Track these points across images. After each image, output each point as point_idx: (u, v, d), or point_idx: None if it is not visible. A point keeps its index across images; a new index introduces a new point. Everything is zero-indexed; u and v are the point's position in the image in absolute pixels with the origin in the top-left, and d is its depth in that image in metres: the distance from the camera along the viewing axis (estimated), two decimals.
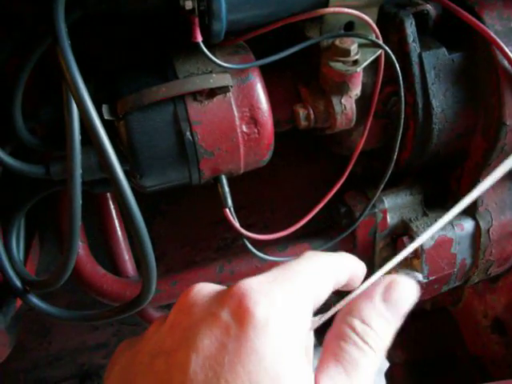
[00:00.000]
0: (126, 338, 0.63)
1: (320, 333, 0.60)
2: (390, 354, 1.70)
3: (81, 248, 1.05)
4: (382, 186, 1.03)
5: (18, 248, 0.97)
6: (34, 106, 0.88)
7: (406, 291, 0.59)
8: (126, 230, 1.10)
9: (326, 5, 0.85)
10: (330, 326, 0.58)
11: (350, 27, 0.92)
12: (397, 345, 1.64)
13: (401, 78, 0.94)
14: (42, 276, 1.17)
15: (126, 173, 0.77)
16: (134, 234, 0.76)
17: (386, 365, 1.72)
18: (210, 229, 1.31)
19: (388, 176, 1.01)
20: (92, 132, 0.71)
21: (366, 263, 1.19)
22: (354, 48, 0.87)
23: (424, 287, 1.16)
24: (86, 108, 0.70)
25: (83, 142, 0.77)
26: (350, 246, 1.17)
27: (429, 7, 0.99)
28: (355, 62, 0.88)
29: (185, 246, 1.32)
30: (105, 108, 0.81)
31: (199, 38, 0.78)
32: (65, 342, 1.40)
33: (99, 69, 0.89)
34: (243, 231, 0.92)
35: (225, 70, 0.85)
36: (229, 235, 1.33)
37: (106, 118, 0.80)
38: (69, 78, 0.70)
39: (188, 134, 0.83)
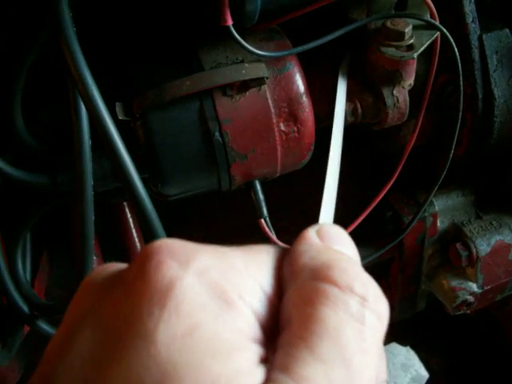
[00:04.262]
0: None
1: None
2: (427, 361, 1.62)
3: (95, 263, 0.95)
4: (436, 189, 0.91)
5: (24, 267, 0.88)
6: (36, 106, 0.79)
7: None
8: (145, 241, 1.00)
9: None
10: None
11: (401, 6, 0.82)
12: (433, 351, 1.54)
13: (460, 64, 0.82)
14: (54, 292, 1.08)
15: (145, 181, 0.69)
16: None
17: (425, 376, 1.62)
18: (238, 234, 1.20)
19: (443, 177, 0.90)
20: (104, 136, 0.62)
21: (411, 272, 1.14)
22: (408, 30, 0.77)
23: (478, 298, 1.06)
24: (96, 108, 0.61)
25: (94, 148, 0.69)
26: (394, 254, 1.08)
27: None
28: (410, 47, 0.77)
29: None
30: (119, 107, 0.73)
31: (229, 21, 0.68)
32: None
33: (111, 61, 0.81)
34: (282, 245, 0.81)
35: (258, 59, 0.75)
36: (257, 242, 1.22)
37: (120, 118, 0.72)
38: (75, 73, 0.61)
39: (217, 134, 0.75)
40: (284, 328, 0.37)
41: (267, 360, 0.36)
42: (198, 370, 0.33)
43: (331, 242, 0.44)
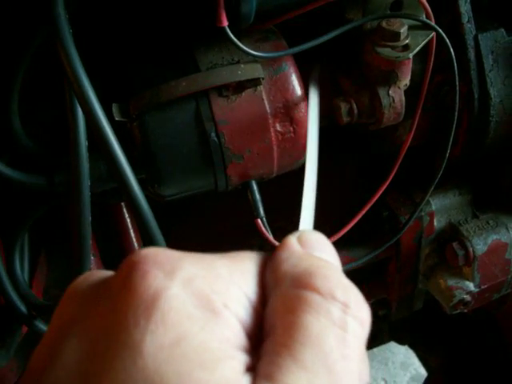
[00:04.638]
0: None
1: None
2: (425, 360, 1.62)
3: (92, 263, 0.95)
4: (432, 188, 0.92)
5: (22, 268, 0.87)
6: (33, 106, 0.78)
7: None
8: (143, 242, 1.00)
9: None
10: None
11: (397, 6, 0.81)
12: (431, 350, 1.54)
13: (455, 64, 0.82)
14: (52, 292, 1.08)
15: (142, 181, 0.70)
16: None
17: (425, 375, 1.62)
18: (235, 234, 1.20)
19: (439, 177, 0.90)
20: (100, 137, 0.62)
21: (409, 272, 1.14)
22: (404, 31, 0.77)
23: (475, 297, 1.06)
24: (92, 109, 0.60)
25: (91, 149, 0.69)
26: (391, 253, 1.07)
27: None
28: (406, 47, 0.77)
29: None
30: (115, 107, 0.73)
31: (225, 22, 0.68)
32: None
33: (108, 62, 0.80)
34: (273, 242, 0.82)
35: (254, 60, 0.75)
36: (255, 242, 1.22)
37: (116, 119, 0.72)
38: (71, 74, 0.61)
39: (213, 135, 0.74)
40: (268, 335, 0.38)
41: (253, 368, 0.36)
42: (187, 379, 0.33)
43: (312, 249, 0.44)
